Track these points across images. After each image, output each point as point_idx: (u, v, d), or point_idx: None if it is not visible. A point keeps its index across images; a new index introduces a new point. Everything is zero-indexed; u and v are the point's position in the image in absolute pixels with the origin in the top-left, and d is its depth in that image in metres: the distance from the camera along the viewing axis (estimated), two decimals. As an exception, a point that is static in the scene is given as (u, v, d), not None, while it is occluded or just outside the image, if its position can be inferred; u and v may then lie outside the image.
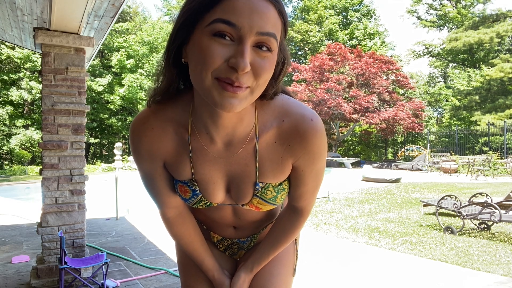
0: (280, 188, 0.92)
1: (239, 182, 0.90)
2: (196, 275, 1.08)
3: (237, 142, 0.86)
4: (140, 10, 32.94)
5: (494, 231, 5.10)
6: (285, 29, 0.75)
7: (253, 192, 0.91)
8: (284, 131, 0.85)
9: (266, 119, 0.86)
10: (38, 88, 18.96)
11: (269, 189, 0.91)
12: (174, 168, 0.91)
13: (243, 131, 0.84)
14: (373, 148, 24.14)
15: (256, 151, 0.86)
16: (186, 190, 0.92)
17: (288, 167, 0.90)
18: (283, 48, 0.78)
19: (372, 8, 32.21)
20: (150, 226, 5.33)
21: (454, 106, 25.09)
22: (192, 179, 0.90)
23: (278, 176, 0.90)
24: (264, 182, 0.90)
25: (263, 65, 0.70)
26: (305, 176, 0.91)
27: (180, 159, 0.89)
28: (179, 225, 1.01)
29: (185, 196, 0.93)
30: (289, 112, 0.85)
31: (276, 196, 0.92)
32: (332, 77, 19.55)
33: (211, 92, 0.70)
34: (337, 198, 8.41)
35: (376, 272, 3.57)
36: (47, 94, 2.98)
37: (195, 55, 0.71)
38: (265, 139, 0.85)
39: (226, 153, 0.87)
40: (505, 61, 22.52)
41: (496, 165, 13.74)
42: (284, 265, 1.08)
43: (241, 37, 0.67)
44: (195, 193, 0.92)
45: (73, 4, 2.50)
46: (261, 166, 0.88)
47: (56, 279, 2.99)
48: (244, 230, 1.07)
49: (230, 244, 1.10)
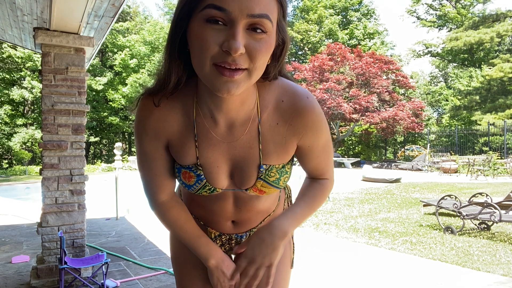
0: (283, 171, 0.94)
1: (243, 165, 0.91)
2: (190, 273, 1.08)
3: (240, 125, 0.87)
4: (141, 10, 32.96)
5: (494, 231, 5.10)
6: (283, 9, 0.75)
7: (257, 175, 0.92)
8: (284, 111, 0.87)
9: (267, 100, 0.88)
10: (39, 88, 18.97)
11: (272, 171, 0.92)
12: (179, 150, 0.91)
13: (245, 113, 0.86)
14: (373, 148, 24.13)
15: (259, 133, 0.88)
16: (190, 176, 0.92)
17: (292, 147, 0.92)
18: (282, 29, 0.77)
19: (371, 8, 32.22)
20: (150, 226, 5.33)
21: (454, 106, 25.09)
22: (196, 163, 0.91)
23: (282, 156, 0.92)
24: (268, 164, 0.91)
25: (258, 47, 0.70)
26: (313, 151, 0.94)
27: (185, 141, 0.90)
28: (173, 209, 1.00)
29: (189, 182, 0.93)
30: (286, 91, 0.88)
31: (279, 178, 0.94)
32: (332, 77, 19.55)
33: (210, 78, 0.71)
34: (337, 198, 8.41)
35: (376, 272, 3.57)
36: (47, 94, 2.98)
37: (193, 43, 0.73)
38: (267, 119, 0.88)
39: (230, 136, 0.88)
40: (505, 61, 22.51)
41: (496, 165, 13.74)
42: (282, 258, 1.09)
43: (232, 21, 0.68)
44: (200, 178, 0.92)
45: (73, 4, 2.50)
46: (265, 148, 0.89)
47: (56, 279, 2.99)
48: (242, 225, 1.06)
49: (228, 240, 1.10)
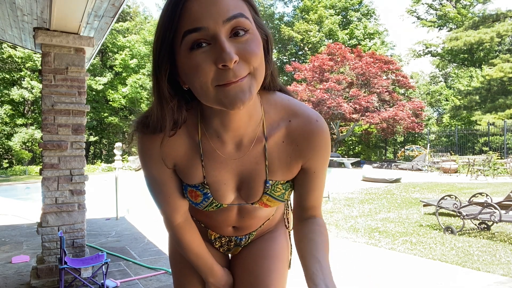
0: (287, 186, 0.94)
1: (249, 181, 0.91)
2: (188, 273, 1.09)
3: (247, 142, 0.87)
4: (141, 10, 32.96)
5: (494, 231, 5.10)
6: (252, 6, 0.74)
7: (263, 190, 0.92)
8: (292, 132, 0.86)
9: (273, 118, 0.87)
10: (39, 88, 18.97)
11: (278, 186, 0.92)
12: (185, 171, 0.90)
13: (252, 130, 0.85)
14: (373, 148, 24.12)
15: (265, 150, 0.87)
16: (197, 195, 0.92)
17: (296, 167, 0.91)
18: (260, 24, 0.76)
19: (371, 8, 32.20)
20: (150, 226, 5.33)
21: (454, 106, 25.09)
22: (203, 182, 0.90)
23: (287, 174, 0.91)
24: (274, 180, 0.91)
25: (248, 48, 0.69)
26: (318, 177, 0.92)
27: (191, 162, 0.88)
28: (188, 231, 1.00)
29: (196, 201, 0.93)
30: (295, 112, 0.87)
31: (284, 193, 0.94)
32: (332, 77, 19.55)
33: (218, 99, 0.69)
34: (337, 198, 8.41)
35: (376, 272, 3.57)
36: (47, 94, 2.98)
37: (188, 76, 0.71)
38: (273, 137, 0.87)
39: (236, 154, 0.88)
40: (505, 61, 22.50)
41: (496, 165, 13.74)
42: (280, 259, 1.11)
43: (213, 35, 0.66)
44: (207, 196, 0.92)
45: (73, 4, 2.50)
46: (271, 165, 0.89)
47: (56, 279, 2.99)
48: (243, 229, 1.08)
49: (228, 241, 1.11)
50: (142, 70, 23.66)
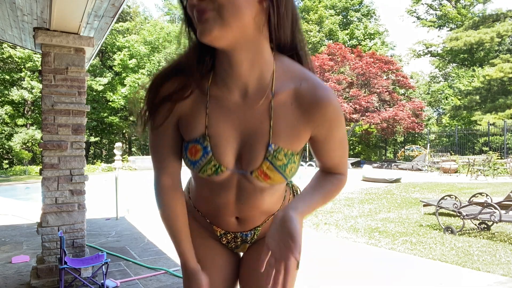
0: (291, 159, 0.91)
1: (251, 142, 0.90)
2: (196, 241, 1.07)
3: (253, 94, 0.87)
4: (141, 10, 32.96)
5: (494, 231, 5.10)
6: None
7: (265, 154, 0.89)
8: (302, 94, 0.87)
9: (283, 78, 0.88)
10: (39, 88, 18.98)
11: (280, 153, 0.89)
12: (188, 121, 0.92)
13: (258, 82, 0.87)
14: (373, 148, 24.12)
15: (271, 108, 0.87)
16: (196, 150, 0.91)
17: (304, 135, 0.90)
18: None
19: (372, 8, 32.22)
20: (150, 226, 5.33)
21: (454, 106, 25.09)
22: (204, 133, 0.91)
23: (292, 140, 0.90)
24: (276, 145, 0.89)
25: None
26: (329, 143, 0.93)
27: (196, 111, 0.91)
28: (171, 197, 1.00)
29: (195, 158, 0.92)
30: (307, 77, 0.88)
31: (286, 165, 0.91)
32: (332, 77, 19.56)
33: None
34: (337, 198, 8.40)
35: (376, 272, 3.57)
36: (47, 94, 2.98)
37: None
38: (281, 97, 0.87)
39: (242, 105, 0.89)
40: (505, 61, 22.51)
41: (496, 165, 13.74)
42: None
43: None
44: (206, 151, 0.91)
45: (73, 4, 2.50)
46: (275, 125, 0.88)
47: (56, 279, 2.99)
48: (246, 222, 1.06)
49: (234, 238, 1.10)
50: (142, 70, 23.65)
